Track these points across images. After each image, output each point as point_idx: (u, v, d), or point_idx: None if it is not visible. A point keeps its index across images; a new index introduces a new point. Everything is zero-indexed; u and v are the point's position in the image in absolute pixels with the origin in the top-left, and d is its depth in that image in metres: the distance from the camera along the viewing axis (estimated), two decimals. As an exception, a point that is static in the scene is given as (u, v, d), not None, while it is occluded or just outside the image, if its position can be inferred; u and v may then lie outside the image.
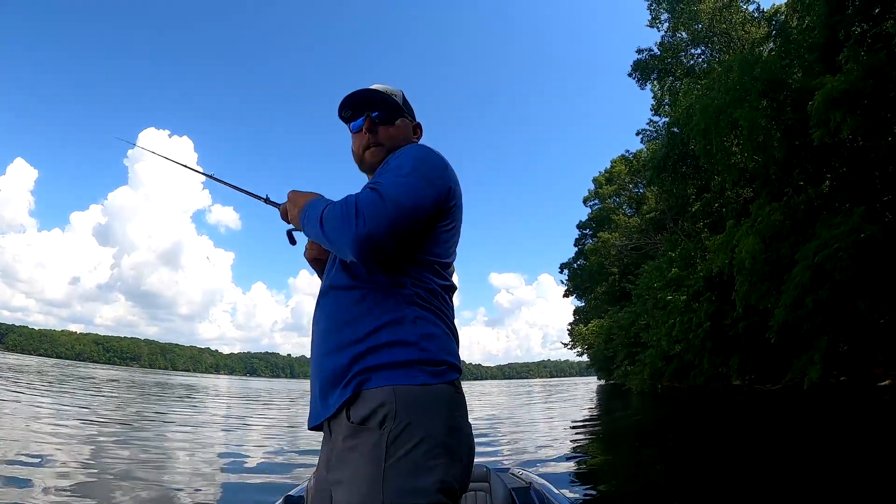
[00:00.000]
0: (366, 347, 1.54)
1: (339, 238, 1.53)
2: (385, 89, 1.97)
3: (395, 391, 1.49)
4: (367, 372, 1.51)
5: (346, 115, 1.98)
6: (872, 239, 16.35)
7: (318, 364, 1.62)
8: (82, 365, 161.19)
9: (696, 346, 26.85)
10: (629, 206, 55.69)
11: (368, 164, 1.94)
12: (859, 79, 16.58)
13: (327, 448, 1.60)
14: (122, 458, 8.99)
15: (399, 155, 1.76)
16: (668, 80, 38.76)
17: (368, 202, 1.50)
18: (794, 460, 8.90)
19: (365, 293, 1.63)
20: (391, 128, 1.95)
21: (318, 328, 1.69)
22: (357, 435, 1.46)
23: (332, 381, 1.55)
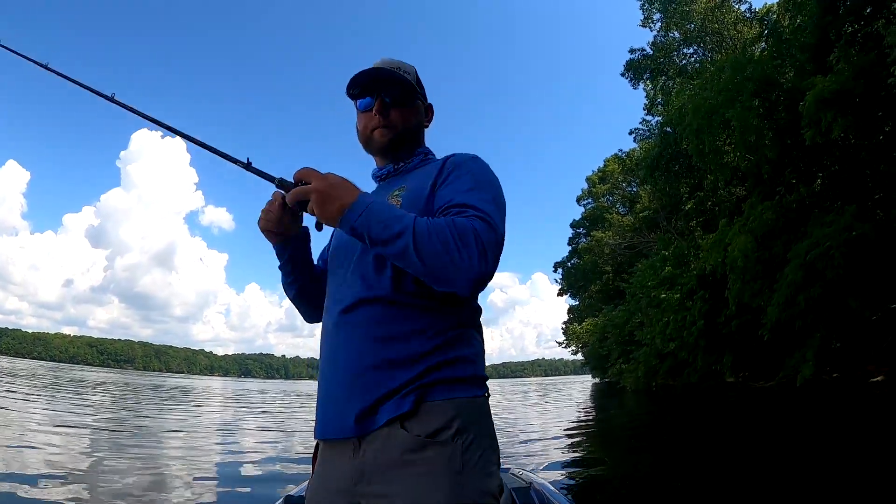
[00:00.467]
0: (433, 362, 1.50)
1: (448, 271, 1.40)
2: (398, 66, 1.86)
3: (461, 405, 1.49)
4: (429, 386, 1.47)
5: (355, 92, 1.86)
6: (864, 237, 16.49)
7: (360, 376, 1.50)
8: (76, 368, 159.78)
9: (690, 343, 26.89)
10: (622, 205, 55.87)
11: (377, 146, 1.86)
12: (850, 79, 16.70)
13: (352, 461, 1.49)
14: (118, 462, 8.96)
15: (475, 172, 1.69)
16: (661, 80, 38.86)
17: (489, 236, 1.44)
18: (789, 456, 8.96)
19: (424, 308, 1.56)
20: (404, 110, 1.85)
21: (358, 337, 1.55)
22: (424, 448, 1.41)
23: (380, 395, 1.46)
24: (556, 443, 12.96)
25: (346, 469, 1.51)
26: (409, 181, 1.77)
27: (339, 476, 1.53)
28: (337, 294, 1.68)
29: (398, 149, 1.86)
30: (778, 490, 6.63)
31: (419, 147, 1.94)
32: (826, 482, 6.88)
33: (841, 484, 6.72)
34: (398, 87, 1.82)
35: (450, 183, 1.66)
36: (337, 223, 1.46)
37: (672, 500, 6.79)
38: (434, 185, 1.69)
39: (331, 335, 1.64)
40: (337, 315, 1.63)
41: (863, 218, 17.47)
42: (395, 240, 1.40)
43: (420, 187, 1.70)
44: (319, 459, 1.66)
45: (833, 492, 6.45)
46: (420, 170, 1.83)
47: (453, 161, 1.74)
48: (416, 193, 1.68)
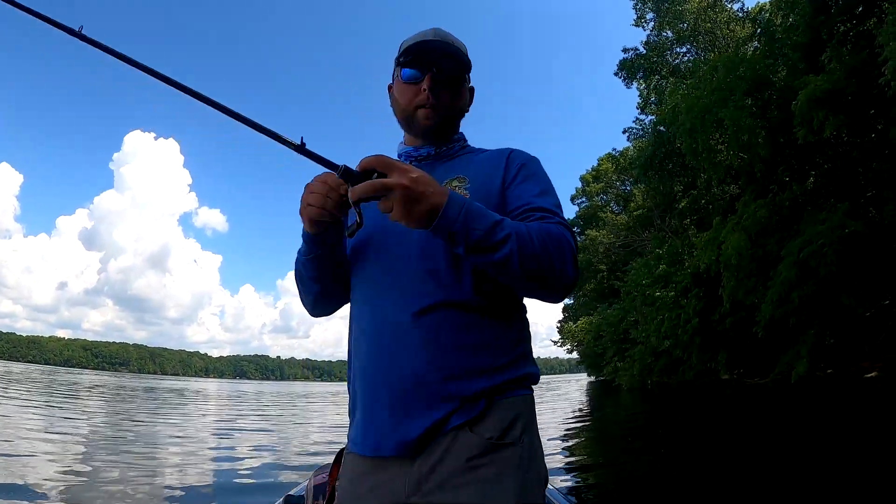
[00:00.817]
0: (507, 368, 1.45)
1: (547, 280, 1.37)
2: (452, 37, 1.70)
3: (523, 402, 1.47)
4: (499, 392, 1.42)
5: (406, 59, 1.67)
6: (856, 234, 16.62)
7: (434, 386, 1.39)
8: (71, 371, 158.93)
9: (685, 341, 26.95)
10: (616, 204, 55.85)
11: (421, 127, 1.69)
12: (842, 78, 16.85)
13: (406, 473, 1.37)
14: (114, 467, 8.90)
15: (541, 174, 1.65)
16: (654, 79, 38.84)
17: (574, 243, 1.42)
18: (784, 453, 9.02)
19: (499, 313, 1.50)
20: (454, 91, 1.71)
21: (435, 344, 1.42)
22: (492, 451, 1.35)
23: (455, 407, 1.37)
24: (556, 443, 12.93)
25: (396, 482, 1.39)
26: (466, 171, 1.66)
27: (388, 491, 1.40)
28: (390, 290, 1.51)
29: (441, 133, 1.74)
30: (774, 486, 6.67)
31: (457, 130, 1.83)
32: (821, 478, 6.94)
33: (836, 480, 6.77)
34: (453, 64, 1.68)
35: (520, 183, 1.60)
36: (425, 226, 1.27)
37: (671, 498, 6.83)
38: (504, 182, 1.61)
39: (388, 338, 1.46)
40: (403, 317, 1.45)
41: (855, 215, 17.61)
42: (500, 247, 1.29)
43: (487, 182, 1.61)
44: (352, 473, 1.50)
45: (828, 488, 6.49)
46: (469, 159, 1.74)
47: (518, 159, 1.67)
48: (485, 188, 1.59)
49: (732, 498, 6.57)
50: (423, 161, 1.73)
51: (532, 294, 1.45)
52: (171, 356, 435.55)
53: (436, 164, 1.72)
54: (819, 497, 6.26)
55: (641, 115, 43.38)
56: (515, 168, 1.63)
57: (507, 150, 1.72)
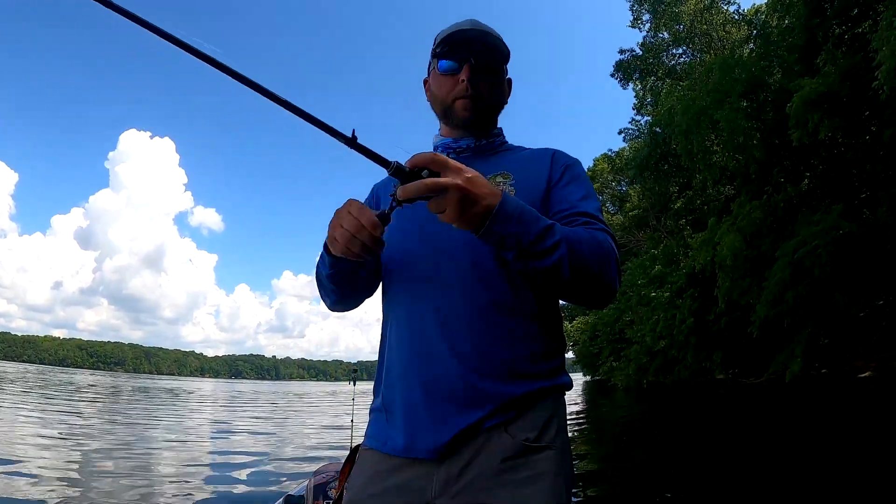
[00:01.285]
0: (545, 368, 1.45)
1: (593, 287, 1.36)
2: (490, 28, 1.66)
3: (557, 402, 1.47)
4: (537, 397, 1.41)
5: (442, 50, 1.62)
6: (850, 235, 16.71)
7: (465, 388, 1.37)
8: (66, 371, 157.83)
9: (680, 341, 27.10)
10: (612, 204, 55.72)
11: (459, 119, 1.64)
12: (836, 81, 16.92)
13: (434, 472, 1.35)
14: (112, 463, 8.90)
15: (584, 178, 1.63)
16: (650, 80, 39.05)
17: (617, 251, 1.43)
18: (778, 451, 9.13)
19: (540, 321, 1.49)
20: (493, 82, 1.66)
21: (478, 345, 1.40)
22: (528, 453, 1.34)
23: (496, 407, 1.36)
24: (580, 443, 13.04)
25: (421, 481, 1.37)
26: (510, 167, 1.62)
27: (413, 490, 1.37)
28: (431, 291, 1.48)
29: (481, 125, 1.69)
30: (768, 484, 6.76)
31: (496, 124, 1.77)
32: (815, 476, 7.02)
33: (830, 478, 6.85)
34: (492, 55, 1.64)
35: (566, 185, 1.57)
36: (476, 228, 1.22)
37: (670, 496, 6.89)
38: (549, 182, 1.58)
39: (428, 339, 1.44)
40: (444, 319, 1.44)
41: (849, 217, 17.69)
42: (550, 253, 1.26)
43: (532, 180, 1.58)
44: (373, 470, 1.46)
45: (823, 486, 6.56)
46: (511, 155, 1.70)
47: (562, 160, 1.64)
48: (530, 187, 1.55)
49: (728, 496, 6.62)
50: (463, 154, 1.68)
51: (576, 301, 1.43)
52: (167, 356, 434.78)
53: (476, 158, 1.67)
54: (813, 495, 6.30)
55: (637, 115, 43.53)
56: (560, 169, 1.61)
57: (550, 150, 1.69)
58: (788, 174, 22.87)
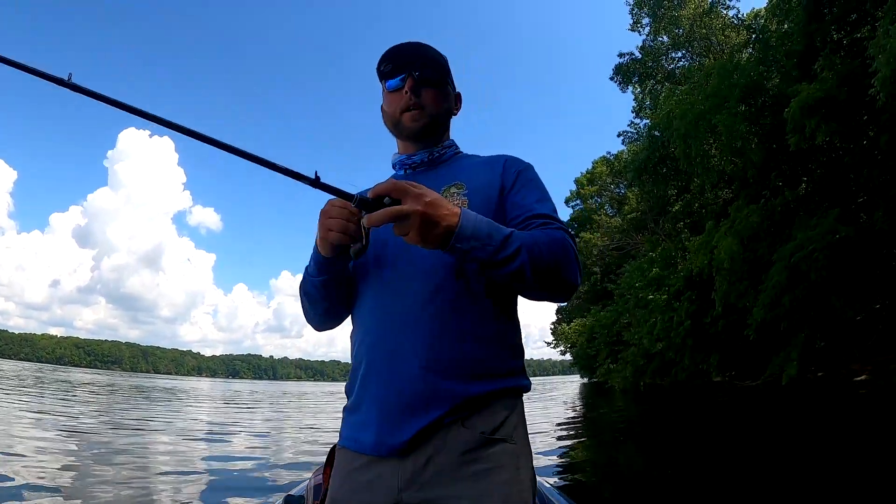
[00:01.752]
0: (505, 379, 1.52)
1: (557, 286, 1.44)
2: (429, 46, 1.74)
3: (515, 397, 1.54)
4: (495, 396, 1.48)
5: (385, 69, 1.72)
6: (847, 240, 16.82)
7: (426, 387, 1.43)
8: (63, 369, 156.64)
9: (678, 343, 27.12)
10: (611, 207, 55.90)
11: (406, 130, 1.72)
12: (834, 86, 17.00)
13: (399, 468, 1.42)
14: (109, 464, 8.66)
15: (538, 180, 1.71)
16: (650, 84, 39.10)
17: (576, 247, 1.48)
18: (773, 453, 9.15)
19: (501, 312, 1.57)
20: (436, 92, 1.73)
21: (439, 345, 1.47)
22: (487, 446, 1.41)
23: (457, 404, 1.42)
24: (551, 442, 13.04)
25: (388, 477, 1.43)
26: (463, 176, 1.69)
27: (383, 486, 1.43)
28: (396, 295, 1.54)
29: (431, 134, 1.75)
30: (764, 486, 6.78)
31: (447, 135, 1.85)
32: (811, 479, 7.06)
33: (825, 481, 6.90)
34: (432, 66, 1.72)
35: (520, 189, 1.65)
36: (441, 247, 1.29)
37: (668, 498, 6.91)
38: (502, 189, 1.65)
39: (390, 341, 1.50)
40: (407, 320, 1.50)
41: (846, 221, 17.81)
42: (512, 260, 1.34)
43: (485, 187, 1.65)
44: (347, 469, 1.53)
45: (818, 488, 6.61)
46: (464, 164, 1.77)
47: (514, 165, 1.71)
48: (483, 194, 1.63)
49: (724, 497, 6.66)
50: (418, 168, 1.77)
51: (540, 298, 1.51)
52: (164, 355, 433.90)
53: (430, 170, 1.76)
54: (808, 498, 6.34)
55: (636, 118, 43.65)
56: (513, 174, 1.67)
57: (502, 156, 1.75)
58: (786, 178, 22.98)
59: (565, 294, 1.47)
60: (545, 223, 1.52)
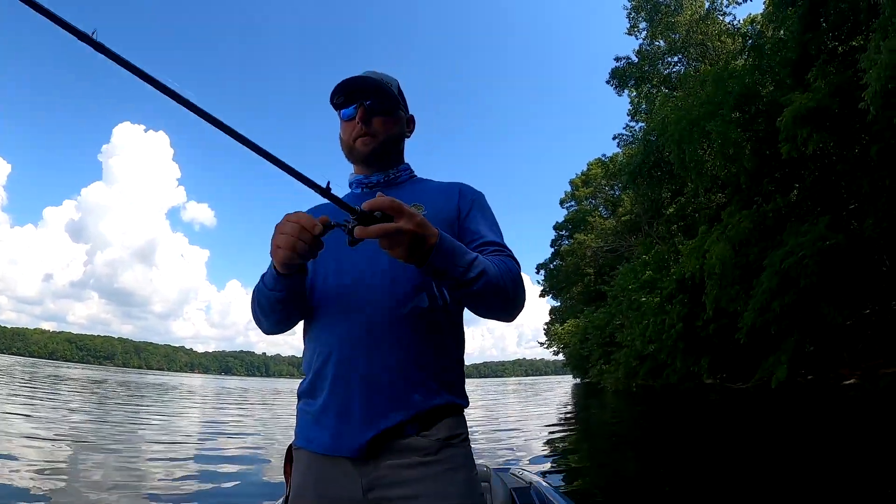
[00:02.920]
0: (454, 392, 1.63)
1: (508, 307, 1.57)
2: (380, 77, 1.84)
3: (461, 414, 1.65)
4: (447, 410, 1.59)
5: (339, 101, 1.82)
6: (836, 247, 17.12)
7: (396, 392, 1.53)
8: (55, 364, 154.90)
9: (669, 346, 27.39)
10: (605, 209, 56.21)
11: (360, 155, 1.81)
12: (826, 96, 17.25)
13: (360, 470, 1.50)
14: (103, 465, 8.44)
15: (489, 209, 1.83)
16: (646, 88, 39.36)
17: (521, 273, 1.63)
18: (762, 455, 9.27)
19: (452, 327, 1.70)
20: (386, 119, 1.82)
21: (398, 353, 1.56)
22: (442, 450, 1.51)
23: (416, 413, 1.52)
24: (546, 442, 13.21)
25: (352, 479, 1.51)
26: (421, 198, 1.75)
27: (344, 486, 1.51)
28: (359, 300, 1.61)
29: (382, 158, 1.84)
30: (753, 487, 6.96)
31: (401, 158, 1.94)
32: (800, 480, 7.23)
33: (815, 482, 7.07)
34: (380, 95, 1.80)
35: (474, 218, 1.75)
36: (419, 263, 1.37)
37: (667, 498, 6.97)
38: (458, 214, 1.75)
39: (354, 345, 1.57)
40: (369, 325, 1.57)
41: (837, 228, 18.12)
42: (476, 281, 1.43)
43: (442, 211, 1.74)
44: (305, 470, 1.60)
45: (807, 489, 6.76)
46: (420, 187, 1.87)
47: (469, 194, 1.82)
48: (441, 217, 1.70)
49: (715, 498, 6.79)
50: (374, 188, 1.84)
51: (490, 317, 1.61)
52: (156, 351, 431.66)
53: (388, 190, 1.81)
54: (798, 498, 6.47)
55: (632, 122, 43.92)
56: (468, 202, 1.79)
57: (456, 184, 1.87)
58: (778, 184, 23.25)
59: (512, 315, 1.61)
60: (497, 251, 1.65)
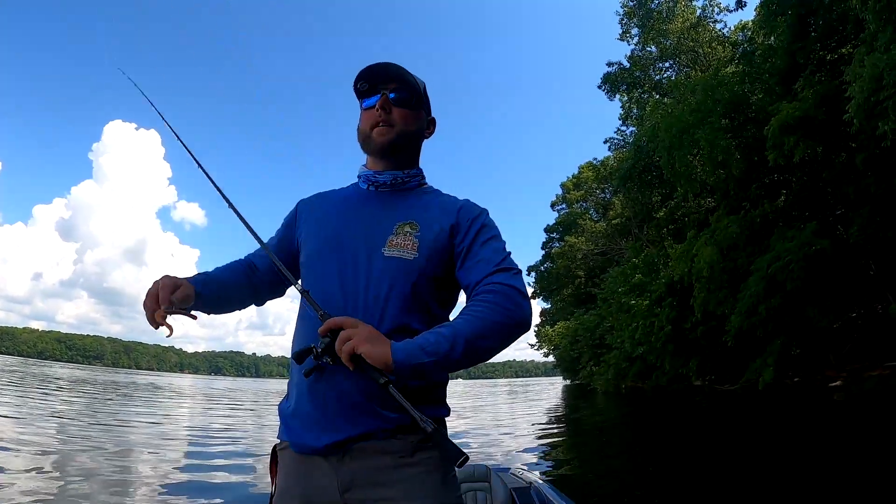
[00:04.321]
0: (439, 392, 1.66)
1: (511, 335, 1.51)
2: (404, 68, 1.77)
3: (440, 418, 1.62)
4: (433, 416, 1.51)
5: (363, 87, 1.77)
6: (822, 252, 17.46)
7: (374, 397, 1.50)
8: (44, 364, 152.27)
9: (658, 348, 27.61)
10: (596, 212, 56.47)
11: (374, 145, 1.76)
12: (813, 106, 17.55)
13: (338, 471, 1.53)
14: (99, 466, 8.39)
15: (494, 226, 1.77)
16: (637, 93, 39.72)
17: (525, 289, 1.59)
18: (751, 455, 9.55)
19: None
20: (407, 112, 1.77)
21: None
22: (417, 452, 1.52)
23: (394, 417, 1.51)
24: (537, 441, 13.44)
25: (330, 479, 1.53)
26: (419, 215, 1.73)
27: (323, 486, 1.54)
28: (346, 306, 1.60)
29: (397, 152, 1.79)
30: (742, 486, 7.22)
31: (416, 161, 1.89)
32: (787, 480, 7.36)
33: (801, 481, 7.28)
34: (405, 86, 1.76)
35: (473, 239, 1.69)
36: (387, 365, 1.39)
37: (665, 497, 7.12)
38: (452, 235, 1.70)
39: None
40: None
41: (823, 234, 18.46)
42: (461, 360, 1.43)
43: (436, 232, 1.70)
44: (288, 469, 1.64)
45: (793, 488, 6.92)
46: (423, 200, 1.81)
47: (468, 214, 1.76)
48: (433, 237, 1.68)
49: (704, 496, 6.98)
50: (381, 188, 1.81)
51: (495, 354, 1.56)
52: (146, 351, 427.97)
53: (392, 196, 1.80)
54: (784, 497, 6.62)
55: (623, 126, 44.27)
56: (467, 224, 1.72)
57: (458, 202, 1.81)
58: (766, 190, 23.58)
59: (514, 339, 1.56)
60: (491, 276, 1.59)
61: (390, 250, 1.63)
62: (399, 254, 1.63)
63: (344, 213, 1.78)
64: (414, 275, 1.61)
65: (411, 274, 1.60)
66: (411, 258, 1.63)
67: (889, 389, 15.99)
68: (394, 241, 1.65)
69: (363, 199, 1.81)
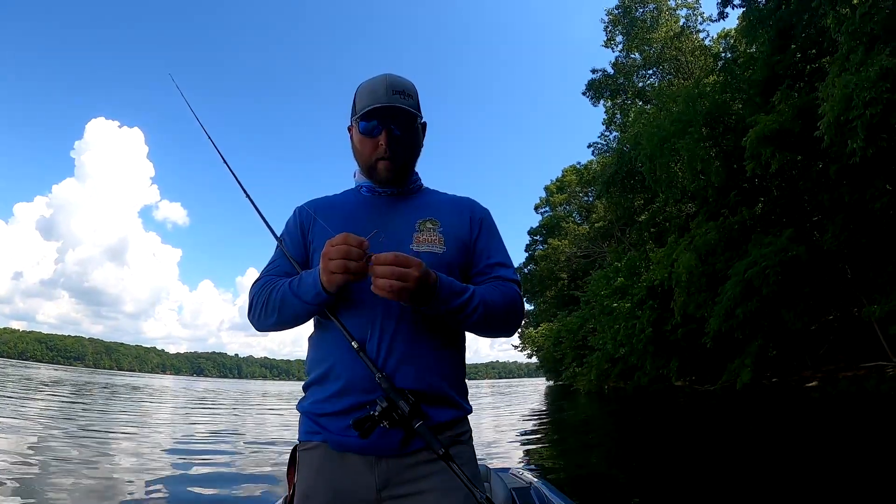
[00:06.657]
0: (464, 405, 1.70)
1: (503, 331, 1.70)
2: (402, 89, 1.71)
3: (467, 416, 1.72)
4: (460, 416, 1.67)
5: (362, 111, 1.70)
6: (797, 258, 18.03)
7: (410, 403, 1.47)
8: (24, 364, 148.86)
9: (640, 349, 28.11)
10: (579, 215, 56.95)
11: (382, 177, 1.76)
12: (789, 119, 18.03)
13: (374, 469, 1.55)
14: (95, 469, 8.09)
15: (496, 229, 1.88)
16: (621, 99, 40.25)
17: (522, 294, 1.73)
18: (730, 453, 9.88)
19: (460, 353, 1.77)
20: (408, 141, 1.77)
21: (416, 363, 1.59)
22: (450, 447, 1.51)
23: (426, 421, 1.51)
24: (528, 440, 13.65)
25: (366, 477, 1.54)
26: (436, 213, 1.78)
27: (359, 487, 1.54)
28: (375, 311, 1.60)
29: (402, 178, 1.81)
30: (723, 484, 7.53)
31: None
32: (764, 477, 7.44)
33: (778, 479, 7.34)
34: (406, 118, 1.72)
35: (484, 238, 1.81)
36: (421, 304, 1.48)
37: (664, 497, 7.15)
38: (470, 231, 1.79)
39: (370, 351, 1.56)
40: (390, 337, 1.58)
41: (799, 240, 19.05)
42: (473, 313, 1.55)
43: (457, 229, 1.77)
44: (318, 468, 1.62)
45: (771, 486, 6.95)
46: (432, 200, 1.87)
47: (479, 213, 1.86)
48: (456, 234, 1.76)
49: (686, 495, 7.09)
50: (387, 196, 1.82)
51: (490, 336, 1.75)
52: (128, 351, 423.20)
53: (399, 200, 1.82)
54: (763, 495, 6.66)
55: (606, 131, 44.57)
56: (478, 223, 1.82)
57: (466, 200, 1.89)
58: (745, 196, 24.10)
59: (510, 334, 1.75)
60: (502, 273, 1.75)
61: (419, 246, 1.67)
62: (429, 248, 1.67)
63: (357, 216, 1.77)
64: (444, 268, 1.61)
65: (441, 267, 1.60)
66: (441, 252, 1.68)
67: (863, 390, 16.46)
68: (420, 237, 1.69)
69: (370, 202, 1.82)
